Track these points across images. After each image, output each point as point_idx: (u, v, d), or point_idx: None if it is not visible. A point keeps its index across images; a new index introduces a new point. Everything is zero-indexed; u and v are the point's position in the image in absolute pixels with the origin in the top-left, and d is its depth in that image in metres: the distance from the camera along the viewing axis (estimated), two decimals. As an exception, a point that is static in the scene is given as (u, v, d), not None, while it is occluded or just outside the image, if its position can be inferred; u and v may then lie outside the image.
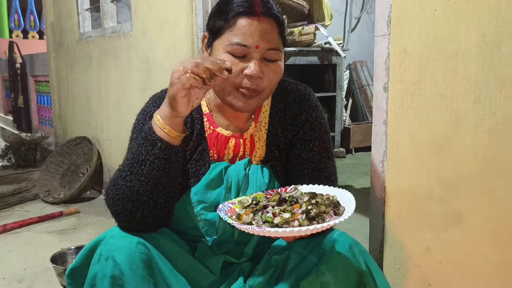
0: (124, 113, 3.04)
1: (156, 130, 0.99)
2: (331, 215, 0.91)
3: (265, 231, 0.86)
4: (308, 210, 0.91)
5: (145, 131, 1.00)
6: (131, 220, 1.00)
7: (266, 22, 1.04)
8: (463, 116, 1.15)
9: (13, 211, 2.91)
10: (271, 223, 0.90)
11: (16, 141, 4.23)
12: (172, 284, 1.00)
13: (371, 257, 1.05)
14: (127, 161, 1.02)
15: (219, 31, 1.06)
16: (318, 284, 0.97)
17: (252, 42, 1.03)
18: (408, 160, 1.30)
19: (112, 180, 1.03)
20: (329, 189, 1.04)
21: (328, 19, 4.14)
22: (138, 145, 1.00)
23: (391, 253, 1.38)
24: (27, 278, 1.95)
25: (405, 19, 1.26)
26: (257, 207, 0.95)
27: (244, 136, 1.17)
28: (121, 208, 1.00)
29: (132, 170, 0.99)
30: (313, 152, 1.17)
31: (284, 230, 0.85)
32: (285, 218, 0.90)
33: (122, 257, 0.96)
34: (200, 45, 2.21)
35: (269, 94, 1.11)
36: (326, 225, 0.87)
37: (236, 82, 1.05)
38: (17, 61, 5.69)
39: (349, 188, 3.24)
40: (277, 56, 1.07)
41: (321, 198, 0.95)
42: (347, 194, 0.99)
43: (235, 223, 0.90)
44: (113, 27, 3.17)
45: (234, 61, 1.04)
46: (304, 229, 0.85)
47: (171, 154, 0.99)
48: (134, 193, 0.98)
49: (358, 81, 5.01)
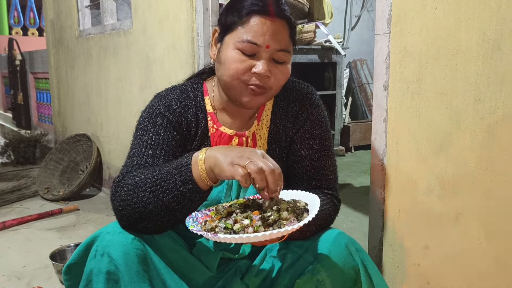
0: (123, 111, 3.04)
1: (194, 171, 0.95)
2: (291, 222, 0.90)
3: (216, 237, 0.85)
4: (266, 216, 0.90)
5: (181, 163, 0.97)
6: (132, 224, 1.00)
7: (278, 23, 1.04)
8: (463, 114, 1.15)
9: (12, 208, 2.91)
10: (231, 229, 0.89)
11: (15, 138, 4.22)
12: (166, 280, 1.01)
13: (367, 256, 1.05)
14: (151, 176, 0.98)
15: (231, 27, 1.06)
16: (313, 282, 0.97)
17: (263, 41, 1.03)
18: (408, 158, 1.30)
19: (127, 182, 1.00)
20: (303, 194, 1.01)
21: (329, 17, 4.14)
22: (169, 172, 0.97)
23: (391, 252, 1.39)
24: (27, 275, 1.95)
25: (406, 18, 1.26)
26: (223, 214, 0.95)
27: (247, 134, 1.17)
28: (126, 213, 0.99)
29: (153, 191, 0.96)
30: (312, 149, 1.17)
31: (232, 237, 0.84)
32: (243, 224, 0.89)
33: (117, 253, 0.96)
34: (200, 43, 2.20)
35: (275, 93, 1.11)
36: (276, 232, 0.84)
37: (244, 79, 1.05)
38: (17, 58, 5.68)
39: (349, 187, 3.23)
40: (286, 58, 1.07)
41: (285, 204, 0.93)
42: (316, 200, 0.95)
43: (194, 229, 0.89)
44: (113, 24, 3.16)
45: (243, 58, 1.04)
46: (253, 236, 0.83)
47: (197, 196, 0.97)
48: (147, 210, 0.97)
49: (358, 79, 5.01)
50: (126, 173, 1.05)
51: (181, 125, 1.14)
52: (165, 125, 1.12)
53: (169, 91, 1.18)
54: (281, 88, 1.12)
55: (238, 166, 0.88)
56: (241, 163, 0.88)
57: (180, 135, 1.13)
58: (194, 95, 1.18)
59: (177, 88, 1.19)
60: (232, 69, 1.04)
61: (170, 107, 1.14)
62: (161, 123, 1.12)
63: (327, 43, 4.05)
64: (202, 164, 0.94)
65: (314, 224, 1.06)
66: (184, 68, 2.35)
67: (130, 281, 0.95)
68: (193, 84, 1.20)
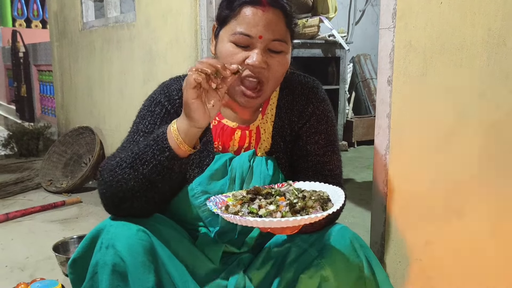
0: (126, 104, 3.04)
1: (169, 137, 0.97)
2: (317, 210, 0.90)
3: (246, 220, 0.84)
4: (293, 203, 0.90)
5: (157, 133, 0.98)
6: (118, 206, 1.01)
7: (271, 12, 1.03)
8: (467, 110, 1.15)
9: (15, 200, 2.92)
10: (256, 214, 0.89)
11: (18, 130, 4.23)
12: (170, 271, 1.01)
13: (371, 252, 1.05)
14: (131, 153, 1.00)
15: (225, 21, 1.06)
16: (317, 277, 0.97)
17: (255, 32, 1.02)
18: (411, 154, 1.30)
19: (109, 164, 1.02)
20: (323, 185, 1.02)
21: (332, 12, 4.12)
22: (146, 145, 0.98)
23: (393, 247, 1.39)
24: (29, 266, 1.96)
25: (411, 12, 1.25)
26: (245, 199, 0.95)
27: (250, 128, 1.17)
28: (110, 194, 1.00)
29: (133, 165, 0.98)
30: (318, 144, 1.16)
31: (263, 220, 0.83)
32: (269, 210, 0.89)
33: (122, 245, 0.96)
34: (203, 36, 2.20)
35: (274, 86, 1.10)
36: (307, 218, 0.84)
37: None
38: (20, 50, 5.68)
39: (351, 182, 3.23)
40: (282, 47, 1.05)
41: (309, 193, 0.93)
42: (338, 192, 0.96)
43: (218, 212, 0.89)
44: (116, 17, 3.16)
45: (237, 51, 1.03)
46: (283, 220, 0.83)
47: (176, 164, 0.98)
48: (129, 186, 0.98)
49: (361, 74, 4.99)
50: (112, 156, 1.06)
51: (179, 115, 1.14)
52: (162, 114, 1.12)
53: (173, 81, 1.18)
54: (280, 79, 1.10)
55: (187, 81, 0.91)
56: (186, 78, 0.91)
57: None
58: None
59: (181, 78, 1.19)
60: (227, 62, 1.03)
61: (171, 97, 1.14)
62: (158, 112, 1.12)
63: (331, 38, 4.03)
64: (174, 127, 0.96)
65: (325, 218, 1.06)
66: (187, 62, 2.34)
67: (135, 272, 0.96)
68: None
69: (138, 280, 0.96)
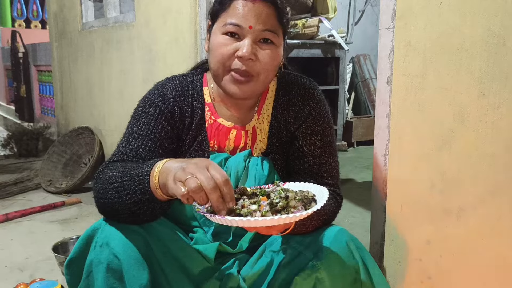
0: (126, 104, 3.04)
1: (151, 182, 0.93)
2: (299, 210, 0.89)
3: (224, 219, 0.83)
4: (275, 203, 0.89)
5: (143, 171, 0.94)
6: (108, 215, 1.01)
7: (261, 5, 1.03)
8: (467, 110, 1.15)
9: (15, 200, 2.92)
10: (238, 214, 0.89)
11: (18, 131, 4.23)
12: (165, 268, 1.01)
13: (368, 254, 1.04)
14: (120, 175, 0.97)
15: (216, 15, 1.08)
16: (312, 279, 0.96)
17: (245, 22, 1.02)
18: (410, 154, 1.30)
19: (104, 176, 1.00)
20: (311, 186, 1.01)
21: (332, 12, 4.12)
22: (132, 178, 0.95)
23: (392, 247, 1.39)
24: (29, 266, 1.96)
25: (410, 12, 1.25)
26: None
27: (246, 128, 1.16)
28: (101, 205, 1.00)
29: (118, 192, 0.96)
30: (314, 146, 1.16)
31: (241, 219, 0.82)
32: (250, 209, 0.89)
33: (117, 243, 0.97)
34: (203, 36, 2.20)
35: (266, 80, 1.08)
36: (285, 217, 0.83)
37: (228, 64, 1.05)
38: (20, 50, 5.68)
39: (351, 182, 3.23)
40: (273, 38, 1.05)
41: (293, 193, 0.92)
42: (324, 192, 0.94)
43: (200, 210, 0.89)
44: (116, 17, 3.16)
45: (228, 42, 1.04)
46: (261, 219, 0.82)
47: (156, 206, 0.97)
48: (114, 208, 0.98)
49: (361, 74, 5.00)
50: (109, 162, 1.06)
51: (174, 115, 1.13)
52: (156, 115, 1.12)
53: (168, 80, 1.18)
54: (272, 73, 1.09)
55: (180, 182, 0.83)
56: (182, 178, 0.83)
57: (172, 126, 1.13)
58: (192, 85, 1.17)
59: (177, 77, 1.19)
60: (218, 54, 1.05)
61: (165, 96, 1.14)
62: (152, 113, 1.12)
63: (330, 38, 4.03)
64: (156, 177, 0.90)
65: (317, 219, 1.05)
66: (187, 62, 2.34)
67: (129, 269, 0.96)
68: (193, 75, 1.21)
69: (133, 277, 0.96)
